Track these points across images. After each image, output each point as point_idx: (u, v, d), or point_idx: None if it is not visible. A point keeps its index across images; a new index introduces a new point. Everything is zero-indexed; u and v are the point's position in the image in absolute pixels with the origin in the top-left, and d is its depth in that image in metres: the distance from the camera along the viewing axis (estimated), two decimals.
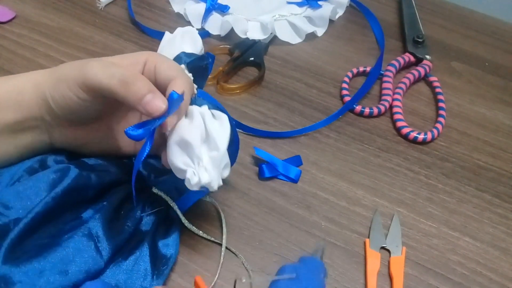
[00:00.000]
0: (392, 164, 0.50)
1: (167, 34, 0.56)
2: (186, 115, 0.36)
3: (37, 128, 0.39)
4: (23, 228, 0.35)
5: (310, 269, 0.39)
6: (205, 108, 0.37)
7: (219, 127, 0.36)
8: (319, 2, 0.64)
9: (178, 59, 0.48)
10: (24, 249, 0.35)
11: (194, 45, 0.55)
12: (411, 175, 0.49)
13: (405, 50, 0.62)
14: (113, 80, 0.34)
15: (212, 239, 0.42)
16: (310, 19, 0.64)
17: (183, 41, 0.55)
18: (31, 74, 0.38)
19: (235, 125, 0.41)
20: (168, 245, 0.39)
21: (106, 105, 0.38)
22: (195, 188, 0.35)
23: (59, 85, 0.36)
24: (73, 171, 0.38)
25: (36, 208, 0.36)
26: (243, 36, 0.60)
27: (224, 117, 0.37)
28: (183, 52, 0.54)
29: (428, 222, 0.45)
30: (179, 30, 0.56)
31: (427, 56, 0.60)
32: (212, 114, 0.37)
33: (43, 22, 0.61)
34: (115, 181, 0.40)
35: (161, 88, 0.37)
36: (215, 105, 0.39)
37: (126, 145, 0.43)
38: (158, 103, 0.33)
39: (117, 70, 0.34)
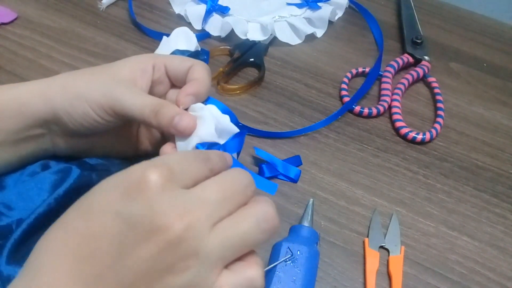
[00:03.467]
0: (391, 164, 0.50)
1: (164, 38, 0.57)
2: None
3: (41, 137, 0.38)
4: (26, 228, 0.35)
5: (303, 241, 0.40)
6: (213, 106, 0.38)
7: (229, 121, 0.37)
8: (319, 4, 0.65)
9: None
10: (28, 249, 0.35)
11: (188, 43, 0.56)
12: (409, 175, 0.49)
13: (403, 51, 0.62)
14: (145, 110, 0.35)
15: None
16: (309, 20, 0.64)
17: (177, 40, 0.56)
18: (35, 84, 0.37)
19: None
20: None
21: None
22: None
23: (77, 103, 0.36)
24: (75, 172, 0.38)
25: (39, 209, 0.36)
26: (243, 37, 0.61)
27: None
28: (177, 50, 0.54)
29: (427, 221, 0.45)
30: (174, 31, 0.56)
31: (426, 57, 0.60)
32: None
33: (45, 23, 0.61)
34: None
35: (179, 83, 0.39)
36: (224, 109, 0.39)
37: (129, 148, 0.43)
38: (186, 121, 0.35)
39: (146, 100, 0.36)
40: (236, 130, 0.37)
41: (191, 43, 0.56)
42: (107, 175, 0.39)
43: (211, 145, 0.36)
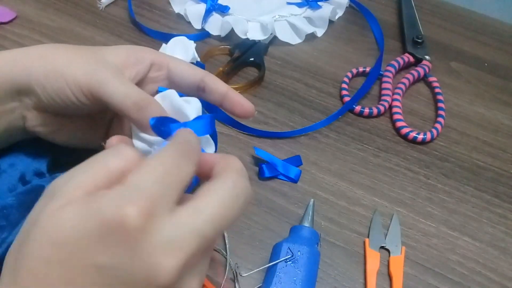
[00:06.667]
0: (392, 164, 0.50)
1: (163, 45, 0.57)
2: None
3: (13, 113, 0.36)
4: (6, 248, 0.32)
5: (303, 241, 0.40)
6: (173, 91, 0.35)
7: (188, 104, 0.35)
8: (319, 3, 0.64)
9: None
10: None
11: (185, 53, 0.55)
12: (410, 175, 0.49)
13: (404, 50, 0.62)
14: (127, 101, 0.32)
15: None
16: (309, 20, 0.64)
17: (174, 49, 0.55)
18: (13, 51, 0.35)
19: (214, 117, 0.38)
20: None
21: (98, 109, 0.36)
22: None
23: (54, 77, 0.33)
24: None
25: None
26: (243, 37, 0.60)
27: (194, 100, 0.35)
28: None
29: (428, 221, 0.45)
30: (172, 40, 0.56)
31: (427, 57, 0.60)
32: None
33: (44, 23, 0.61)
34: None
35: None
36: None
37: (96, 139, 0.40)
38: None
39: (132, 90, 0.33)
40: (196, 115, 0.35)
41: (188, 53, 0.55)
42: None
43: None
